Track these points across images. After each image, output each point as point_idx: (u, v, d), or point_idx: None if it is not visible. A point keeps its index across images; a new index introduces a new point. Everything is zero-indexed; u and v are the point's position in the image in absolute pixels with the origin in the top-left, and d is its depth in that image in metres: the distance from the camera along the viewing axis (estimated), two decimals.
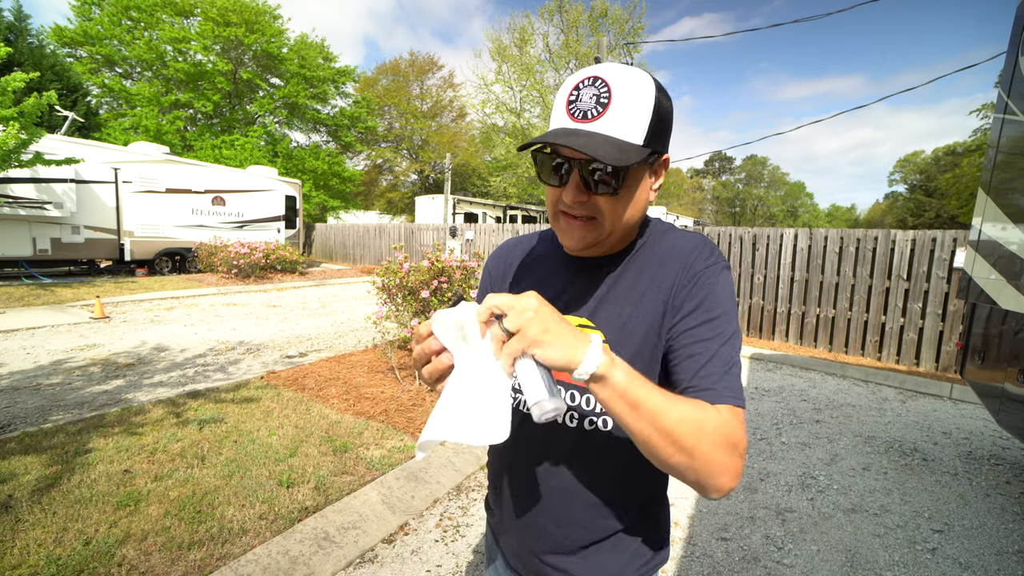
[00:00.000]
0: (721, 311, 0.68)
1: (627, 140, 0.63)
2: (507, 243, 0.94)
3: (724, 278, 0.71)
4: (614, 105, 0.63)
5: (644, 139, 0.64)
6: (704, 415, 0.58)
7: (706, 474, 0.58)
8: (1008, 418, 2.65)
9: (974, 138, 25.33)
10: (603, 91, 0.63)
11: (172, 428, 3.13)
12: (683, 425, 0.56)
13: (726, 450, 0.58)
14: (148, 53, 17.85)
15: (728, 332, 0.67)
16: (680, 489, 2.82)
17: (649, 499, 0.80)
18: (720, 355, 0.65)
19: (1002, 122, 2.65)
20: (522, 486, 0.81)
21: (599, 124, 0.63)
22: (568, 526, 0.77)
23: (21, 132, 7.55)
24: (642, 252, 0.76)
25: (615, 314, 0.73)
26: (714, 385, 0.63)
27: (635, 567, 0.78)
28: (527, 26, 21.91)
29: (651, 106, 0.64)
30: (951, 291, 5.35)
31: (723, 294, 0.70)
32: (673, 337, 0.69)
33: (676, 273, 0.71)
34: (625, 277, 0.75)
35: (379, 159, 30.94)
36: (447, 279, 4.37)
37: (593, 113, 0.63)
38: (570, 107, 0.65)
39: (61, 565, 1.87)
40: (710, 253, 0.73)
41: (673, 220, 22.35)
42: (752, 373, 5.35)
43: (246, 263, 11.32)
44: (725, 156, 57.34)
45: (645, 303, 0.72)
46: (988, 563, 2.22)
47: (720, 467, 0.57)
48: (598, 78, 0.64)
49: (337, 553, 2.11)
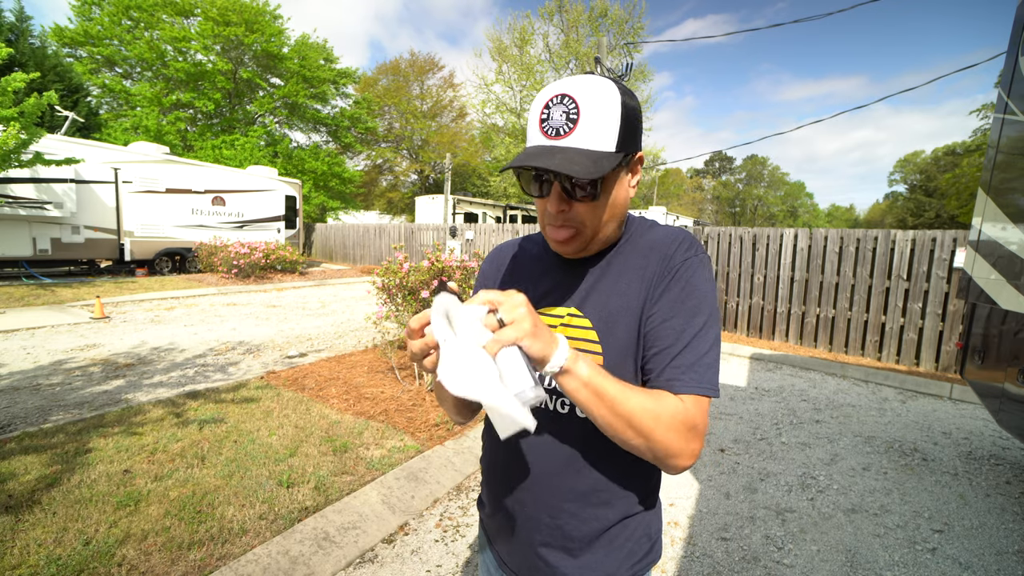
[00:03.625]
0: (696, 302, 0.72)
1: (600, 150, 0.67)
2: (500, 247, 0.98)
3: (702, 270, 0.75)
4: (583, 120, 0.66)
5: (616, 145, 0.68)
6: (661, 404, 0.65)
7: (664, 455, 0.66)
8: (1008, 418, 2.65)
9: (974, 138, 25.34)
10: (571, 107, 0.67)
11: (172, 428, 3.13)
12: (640, 411, 0.63)
13: (682, 434, 0.65)
14: (148, 53, 17.86)
15: (700, 323, 0.71)
16: (680, 489, 2.82)
17: (640, 493, 0.80)
18: (692, 346, 0.70)
19: (1002, 122, 2.65)
20: (514, 476, 0.83)
21: (572, 139, 0.67)
22: (561, 516, 0.78)
23: (21, 132, 7.55)
24: (627, 246, 0.80)
25: (601, 304, 0.77)
26: (681, 376, 0.68)
27: (628, 565, 0.79)
28: (527, 26, 21.93)
29: (619, 113, 0.68)
30: (951, 291, 5.35)
31: (700, 285, 0.73)
32: (650, 326, 0.73)
33: (656, 264, 0.75)
34: (610, 271, 0.79)
35: (379, 159, 30.95)
36: (447, 279, 4.36)
37: (565, 130, 0.67)
38: (543, 125, 0.69)
39: (61, 565, 1.87)
40: (689, 246, 0.76)
41: (673, 220, 22.35)
42: (752, 373, 5.35)
43: (246, 263, 11.32)
44: (725, 156, 57.40)
45: (629, 294, 0.75)
46: (988, 563, 2.22)
47: (676, 449, 0.65)
48: (565, 95, 0.67)
49: (337, 553, 2.11)
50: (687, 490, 2.81)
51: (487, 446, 0.91)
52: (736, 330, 7.06)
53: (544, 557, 0.80)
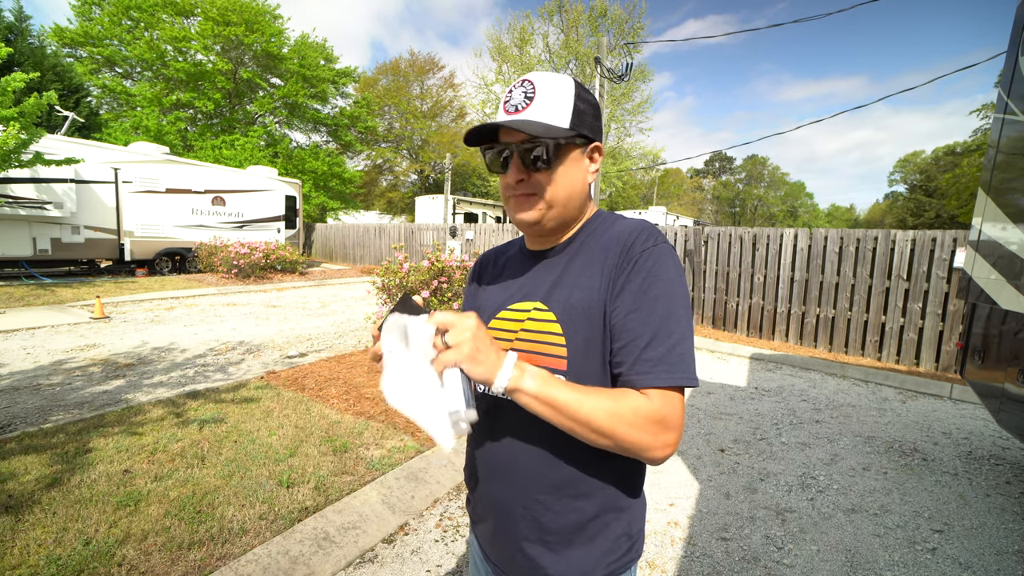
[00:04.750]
0: (658, 292, 0.72)
1: (553, 124, 0.75)
2: (484, 254, 1.04)
3: (664, 259, 0.74)
4: (538, 98, 0.75)
5: (569, 123, 0.76)
6: (619, 403, 0.66)
7: (635, 451, 0.68)
8: (1008, 418, 2.65)
9: (974, 138, 25.34)
10: (529, 89, 0.76)
11: (172, 428, 3.13)
12: (598, 414, 0.65)
13: (647, 430, 0.66)
14: (148, 53, 17.86)
15: (664, 312, 0.71)
16: (680, 489, 2.82)
17: (620, 485, 0.80)
18: (659, 337, 0.70)
19: (1002, 122, 2.65)
20: (489, 468, 0.85)
21: (528, 112, 0.75)
22: (535, 507, 0.79)
23: (21, 132, 7.55)
24: (591, 239, 0.83)
25: (565, 298, 0.78)
26: (651, 370, 0.69)
27: (607, 563, 0.79)
28: (527, 26, 21.92)
29: (571, 98, 0.76)
30: (951, 291, 5.35)
31: (662, 274, 0.73)
32: (615, 320, 0.73)
33: (615, 256, 0.76)
34: (573, 264, 0.81)
35: (379, 159, 30.95)
36: (447, 279, 4.37)
37: (522, 105, 0.76)
38: (506, 105, 0.79)
39: (61, 565, 1.87)
40: (648, 235, 0.77)
41: (673, 220, 22.35)
42: (752, 373, 5.35)
43: (246, 263, 11.32)
44: (725, 156, 57.39)
45: (591, 287, 0.76)
46: (988, 563, 2.22)
47: (645, 444, 0.67)
48: (526, 80, 0.78)
49: (337, 553, 2.11)
50: (687, 490, 2.81)
51: (468, 439, 0.92)
52: (736, 330, 7.06)
53: (523, 550, 0.80)
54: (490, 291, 0.93)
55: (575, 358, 0.75)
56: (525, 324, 0.81)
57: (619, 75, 9.51)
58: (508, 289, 0.88)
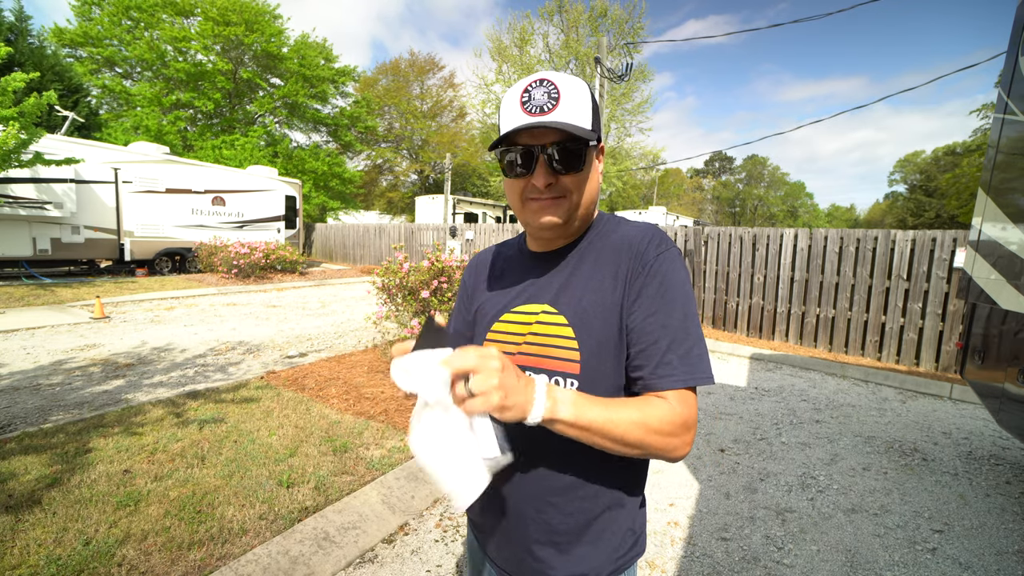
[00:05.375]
0: (674, 295, 0.74)
1: (581, 125, 0.73)
2: (477, 255, 1.02)
3: (676, 263, 0.77)
4: (564, 99, 0.72)
5: (591, 125, 0.75)
6: (647, 414, 0.67)
7: (660, 455, 0.69)
8: (1008, 418, 2.65)
9: (974, 138, 25.33)
10: (551, 89, 0.73)
11: (172, 428, 3.13)
12: (632, 429, 0.66)
13: (673, 434, 0.68)
14: (148, 53, 17.85)
15: (681, 316, 0.73)
16: (680, 489, 2.82)
17: (625, 484, 0.81)
18: (677, 340, 0.72)
19: (1002, 122, 2.65)
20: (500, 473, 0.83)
21: (556, 114, 0.72)
22: (547, 510, 0.79)
23: (21, 132, 7.56)
24: (597, 242, 0.83)
25: (575, 299, 0.78)
26: (672, 372, 0.70)
27: (613, 559, 0.80)
28: (527, 26, 21.89)
29: (590, 99, 0.75)
30: (951, 291, 5.35)
31: (676, 278, 0.75)
32: (633, 324, 0.74)
33: (630, 261, 0.77)
34: (583, 266, 0.81)
35: (379, 159, 30.93)
36: (447, 279, 4.37)
37: (548, 107, 0.72)
38: (524, 106, 0.73)
39: (61, 565, 1.87)
40: (660, 241, 0.78)
41: (673, 220, 22.35)
42: (752, 373, 5.35)
43: (246, 263, 11.32)
44: (725, 156, 57.39)
45: (603, 290, 0.77)
46: (988, 563, 2.22)
47: (670, 448, 0.69)
48: (544, 79, 0.74)
49: (337, 553, 2.11)
50: (687, 490, 2.81)
51: None
52: (736, 330, 7.06)
53: (533, 552, 0.80)
54: (491, 293, 0.91)
55: (588, 360, 0.76)
56: (533, 327, 0.80)
57: (619, 75, 9.52)
58: (511, 291, 0.87)
